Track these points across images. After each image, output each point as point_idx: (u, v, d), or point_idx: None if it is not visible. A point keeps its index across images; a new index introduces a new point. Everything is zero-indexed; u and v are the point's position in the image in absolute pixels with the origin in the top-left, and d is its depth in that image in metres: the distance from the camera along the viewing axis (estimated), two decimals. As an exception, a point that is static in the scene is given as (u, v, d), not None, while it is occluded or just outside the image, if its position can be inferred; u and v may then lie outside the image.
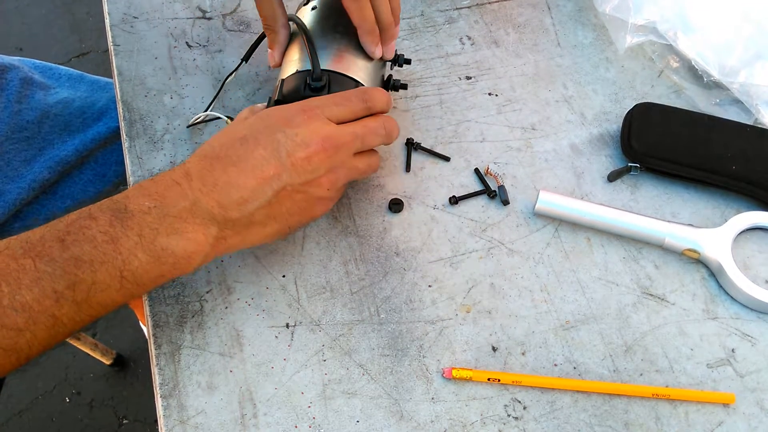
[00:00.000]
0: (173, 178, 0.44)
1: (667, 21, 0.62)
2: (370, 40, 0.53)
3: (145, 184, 0.44)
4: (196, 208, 0.43)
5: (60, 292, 0.40)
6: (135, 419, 1.30)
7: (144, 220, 0.42)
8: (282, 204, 0.46)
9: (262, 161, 0.44)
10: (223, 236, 0.45)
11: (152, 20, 0.66)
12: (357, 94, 0.49)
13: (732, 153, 0.56)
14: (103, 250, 0.41)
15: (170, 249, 0.42)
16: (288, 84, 0.51)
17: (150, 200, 0.43)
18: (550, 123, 0.61)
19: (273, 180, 0.45)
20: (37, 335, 0.40)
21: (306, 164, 0.45)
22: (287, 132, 0.45)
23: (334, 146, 0.46)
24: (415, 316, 0.50)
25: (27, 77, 0.78)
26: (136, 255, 0.41)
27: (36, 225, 0.74)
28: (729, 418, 0.47)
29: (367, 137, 0.49)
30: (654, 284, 0.52)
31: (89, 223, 0.41)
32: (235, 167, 0.44)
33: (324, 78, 0.50)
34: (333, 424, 0.46)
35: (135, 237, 0.41)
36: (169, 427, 0.45)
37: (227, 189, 0.44)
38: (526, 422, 0.46)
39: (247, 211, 0.45)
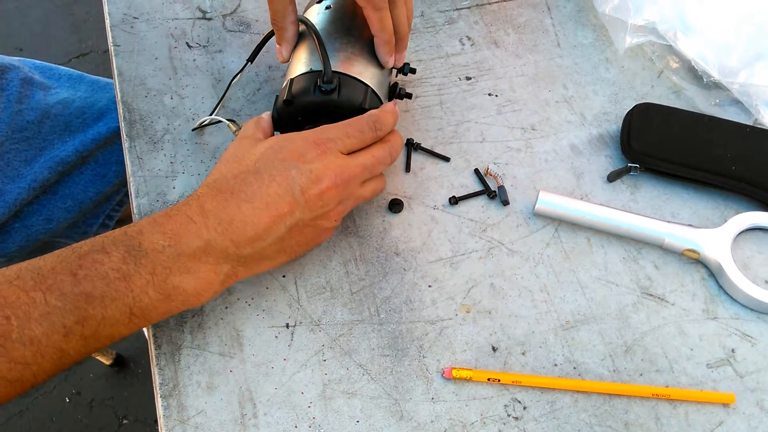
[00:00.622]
0: (188, 214, 0.44)
1: (666, 21, 0.62)
2: (387, 50, 0.53)
3: (160, 219, 0.43)
4: (210, 248, 0.43)
5: (69, 327, 0.40)
6: (135, 419, 1.30)
7: (157, 258, 0.42)
8: (293, 238, 0.47)
9: (277, 198, 0.44)
10: (234, 273, 0.45)
11: (152, 20, 0.66)
12: (369, 124, 0.49)
13: (732, 153, 0.56)
14: (115, 287, 0.41)
15: (181, 287, 0.43)
16: (297, 84, 0.51)
17: (164, 238, 0.42)
18: (550, 123, 0.61)
19: (287, 217, 0.45)
20: (43, 367, 0.40)
21: (318, 200, 0.45)
22: (301, 168, 0.45)
23: (345, 180, 0.46)
24: (415, 316, 0.50)
25: (27, 77, 0.78)
26: (147, 292, 0.42)
27: (36, 225, 0.75)
28: (729, 418, 0.47)
29: (376, 167, 0.49)
30: (654, 284, 0.52)
31: (102, 258, 0.41)
32: (249, 204, 0.44)
33: (335, 80, 0.50)
34: (333, 424, 0.46)
35: (147, 275, 0.41)
36: (169, 427, 0.45)
37: (242, 227, 0.43)
38: (526, 422, 0.46)
39: (260, 248, 0.45)
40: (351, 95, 0.50)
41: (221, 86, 0.61)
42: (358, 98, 0.50)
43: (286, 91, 0.51)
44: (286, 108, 0.51)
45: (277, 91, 0.62)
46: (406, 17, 0.53)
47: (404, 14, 0.53)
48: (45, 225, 0.76)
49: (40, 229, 0.75)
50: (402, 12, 0.53)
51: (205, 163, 0.57)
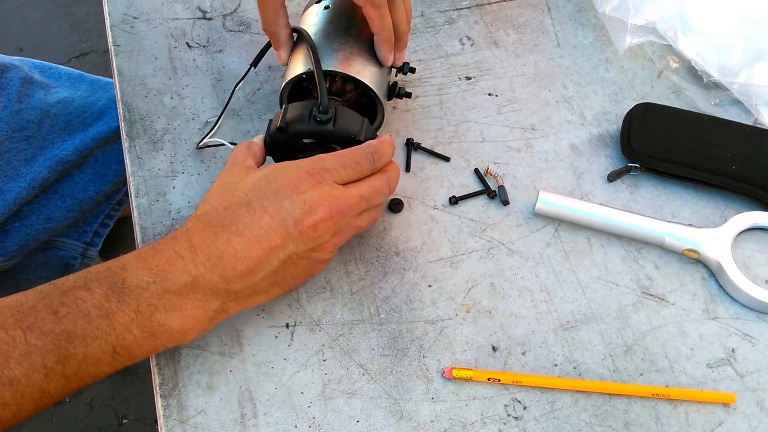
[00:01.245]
0: (176, 249, 0.42)
1: (666, 21, 0.62)
2: (387, 48, 0.52)
3: (146, 254, 0.42)
4: (198, 284, 0.42)
5: (50, 366, 0.39)
6: (135, 419, 1.30)
7: (142, 295, 0.40)
8: (286, 270, 0.45)
9: (269, 230, 0.43)
10: (224, 308, 0.44)
11: (152, 20, 0.66)
12: (367, 155, 0.47)
13: (732, 153, 0.56)
14: (97, 325, 0.39)
15: (167, 325, 0.41)
16: (292, 111, 0.49)
17: (149, 274, 0.41)
18: (550, 123, 0.61)
19: (279, 250, 0.43)
20: (23, 407, 0.39)
21: (312, 231, 0.44)
22: (295, 199, 0.43)
23: (340, 212, 0.45)
24: (415, 316, 0.50)
25: (27, 76, 0.78)
26: (131, 330, 0.40)
27: (36, 224, 0.75)
28: (729, 418, 0.47)
29: (372, 198, 0.48)
30: (654, 284, 0.52)
31: (84, 295, 0.40)
32: (240, 237, 0.42)
33: (330, 111, 0.48)
34: (333, 424, 0.46)
35: (131, 313, 0.40)
36: (169, 427, 0.45)
37: (232, 262, 0.42)
38: (526, 422, 0.46)
39: (251, 282, 0.43)
40: (346, 126, 0.49)
41: (221, 86, 0.61)
42: (354, 129, 0.49)
43: (280, 118, 0.49)
44: (279, 135, 0.49)
45: (276, 91, 0.62)
46: (405, 16, 0.53)
47: (403, 13, 0.53)
48: (45, 224, 0.76)
49: (40, 229, 0.75)
50: (401, 11, 0.52)
51: (205, 163, 0.57)
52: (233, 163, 0.48)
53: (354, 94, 0.54)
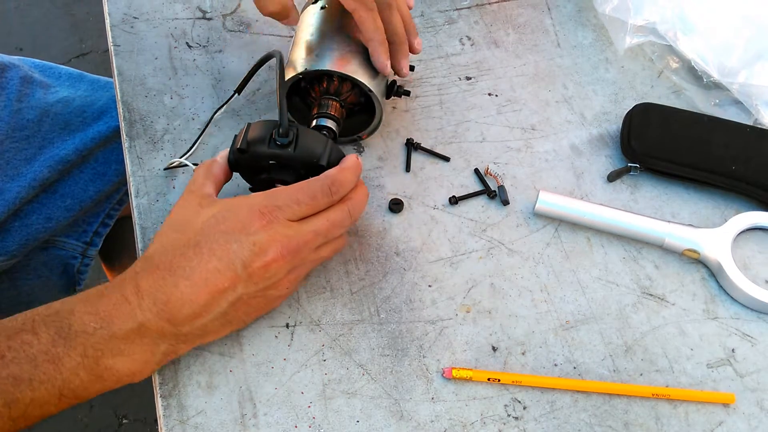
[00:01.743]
0: (123, 294, 0.42)
1: (666, 22, 0.62)
2: (382, 52, 0.52)
3: (92, 299, 0.42)
4: (144, 330, 0.41)
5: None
6: (135, 419, 1.30)
7: (88, 340, 0.40)
8: (238, 310, 0.45)
9: (216, 273, 0.42)
10: (173, 350, 0.44)
11: (152, 20, 0.66)
12: (323, 189, 0.45)
13: (732, 153, 0.56)
14: (44, 369, 0.39)
15: (114, 368, 0.41)
16: (253, 132, 0.48)
17: (96, 320, 0.41)
18: (550, 123, 0.61)
19: (227, 292, 0.42)
20: None
21: (264, 272, 0.43)
22: (243, 241, 0.42)
23: (293, 250, 0.44)
24: (415, 316, 0.50)
25: (27, 76, 0.78)
26: (77, 374, 0.40)
27: (36, 224, 0.75)
28: (729, 418, 0.47)
29: (331, 231, 0.46)
30: (654, 284, 0.52)
31: (31, 340, 0.40)
32: (187, 281, 0.42)
33: (291, 134, 0.47)
34: (333, 424, 0.46)
35: (78, 357, 0.40)
36: (169, 427, 0.45)
37: (179, 306, 0.41)
38: (526, 422, 0.46)
39: (200, 324, 0.43)
40: (308, 149, 0.47)
41: (221, 86, 0.61)
42: (316, 152, 0.47)
43: (241, 139, 0.48)
44: (240, 156, 0.48)
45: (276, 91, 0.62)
46: (400, 22, 0.52)
47: (398, 19, 0.52)
48: (45, 224, 0.75)
49: (40, 228, 0.75)
50: (396, 18, 0.52)
51: (205, 163, 0.57)
52: (190, 191, 0.47)
53: (351, 94, 0.54)
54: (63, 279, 0.82)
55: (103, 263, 1.04)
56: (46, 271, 0.81)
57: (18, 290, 0.79)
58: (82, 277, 0.83)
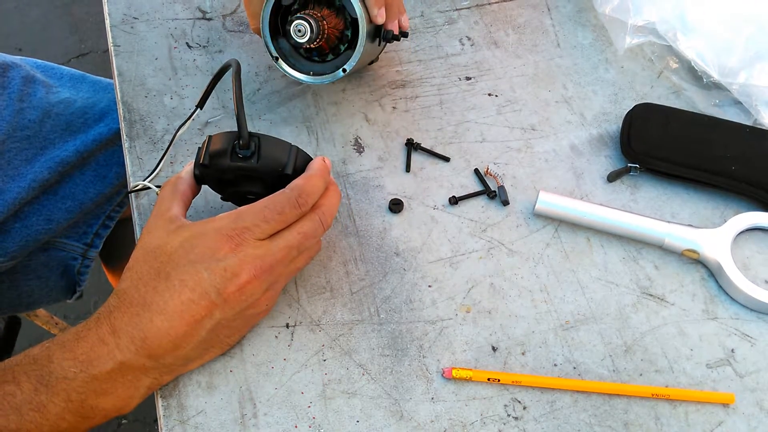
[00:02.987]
0: (99, 335, 0.41)
1: (666, 22, 0.62)
2: (374, 1, 0.52)
3: (70, 343, 0.42)
4: (125, 368, 0.41)
5: None
6: (135, 419, 1.30)
7: (70, 385, 0.40)
8: (219, 334, 0.44)
9: (191, 304, 0.41)
10: (157, 382, 0.44)
11: (152, 21, 0.66)
12: (290, 202, 0.44)
13: (731, 153, 0.56)
14: (30, 418, 0.40)
15: (100, 407, 0.42)
16: (215, 145, 0.46)
17: (75, 365, 0.41)
18: (549, 123, 0.61)
19: (205, 320, 0.42)
20: None
21: (239, 295, 0.42)
22: (213, 268, 0.42)
23: (266, 269, 0.43)
24: (415, 316, 0.50)
25: (29, 75, 0.78)
26: (64, 418, 0.41)
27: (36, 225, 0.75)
28: (729, 418, 0.47)
29: (303, 243, 0.45)
30: (654, 284, 0.52)
31: (14, 390, 0.40)
32: (162, 315, 0.41)
33: (252, 144, 0.45)
34: (333, 424, 0.46)
35: (62, 403, 0.40)
36: (169, 427, 0.45)
37: (157, 340, 0.41)
38: (526, 422, 0.46)
39: (182, 355, 0.43)
40: (272, 158, 0.46)
41: (221, 86, 0.61)
42: (281, 161, 0.46)
43: (203, 153, 0.46)
44: (204, 170, 0.47)
45: (276, 92, 0.62)
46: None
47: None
48: (45, 225, 0.76)
49: (40, 229, 0.75)
50: None
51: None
52: (156, 214, 0.46)
53: (334, 17, 0.53)
54: (63, 280, 0.82)
55: (104, 265, 1.04)
56: (46, 272, 0.81)
57: (18, 291, 0.79)
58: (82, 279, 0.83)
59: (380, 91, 0.62)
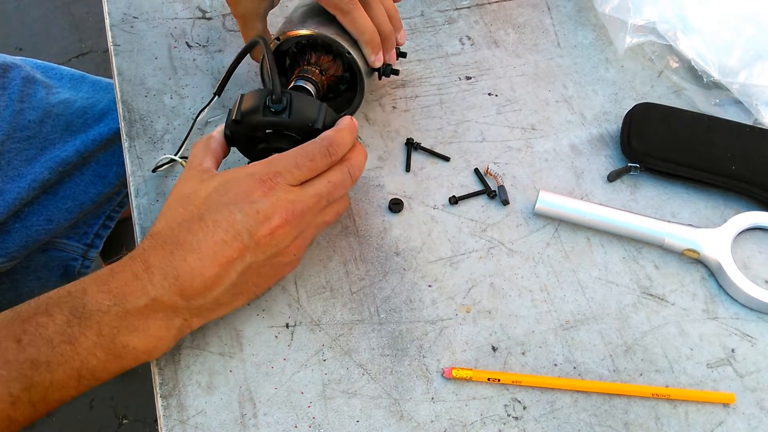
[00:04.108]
0: (133, 271, 0.42)
1: (666, 21, 0.62)
2: (371, 50, 0.52)
3: (104, 277, 0.42)
4: (158, 304, 0.42)
5: (16, 395, 0.38)
6: (135, 419, 1.30)
7: (103, 319, 0.40)
8: (248, 280, 0.45)
9: (224, 245, 0.42)
10: (187, 324, 0.44)
11: (152, 20, 0.66)
12: (321, 149, 0.45)
13: (732, 153, 0.56)
14: (61, 351, 0.39)
15: (131, 346, 0.41)
16: (247, 102, 0.48)
17: (109, 298, 0.41)
18: (550, 123, 0.61)
19: (236, 262, 0.43)
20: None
21: (270, 239, 0.43)
22: (246, 209, 0.42)
23: (298, 215, 0.44)
24: (415, 316, 0.50)
25: (29, 76, 0.78)
26: (95, 354, 0.40)
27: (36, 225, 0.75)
28: (729, 418, 0.47)
29: (333, 193, 0.46)
30: (654, 284, 0.52)
31: (46, 322, 0.40)
32: (196, 254, 0.42)
33: (284, 99, 0.47)
34: (333, 424, 0.46)
35: (94, 337, 0.40)
36: (169, 427, 0.45)
37: (190, 279, 0.42)
38: (526, 422, 0.46)
39: (212, 297, 0.43)
40: (302, 114, 0.47)
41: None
42: (311, 117, 0.48)
43: (236, 110, 0.48)
44: (236, 127, 0.48)
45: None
46: (385, 17, 0.52)
47: (382, 13, 0.52)
48: (45, 225, 0.76)
49: (40, 230, 0.75)
50: (379, 11, 0.52)
51: (205, 163, 0.57)
52: (189, 167, 0.47)
53: (333, 65, 0.54)
54: (63, 281, 0.82)
55: (104, 265, 1.04)
56: (46, 272, 0.81)
57: (18, 292, 0.79)
58: None
59: (380, 91, 0.62)
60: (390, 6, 0.54)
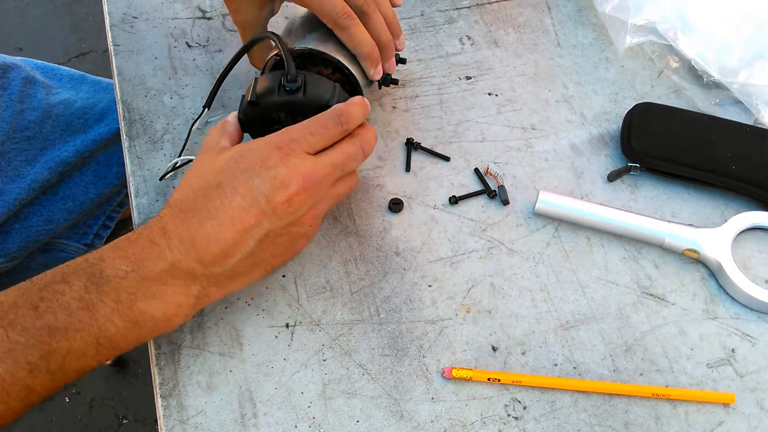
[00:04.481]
0: (150, 237, 0.42)
1: (666, 21, 0.62)
2: (369, 64, 0.52)
3: (122, 244, 0.42)
4: (175, 270, 0.41)
5: (34, 363, 0.38)
6: (135, 419, 1.30)
7: (121, 284, 0.40)
8: (265, 250, 0.45)
9: (241, 211, 0.42)
10: (205, 293, 0.44)
11: (152, 20, 0.66)
12: (333, 118, 0.46)
13: (732, 153, 0.56)
14: (79, 317, 0.39)
15: (149, 313, 0.41)
16: (261, 84, 0.49)
17: (126, 263, 0.41)
18: (550, 123, 0.61)
19: (254, 229, 0.43)
20: (10, 406, 0.38)
21: (287, 207, 0.43)
22: (264, 176, 0.42)
23: (314, 183, 0.44)
24: (415, 316, 0.50)
25: (29, 77, 0.78)
26: (113, 321, 0.40)
27: (36, 225, 0.75)
28: (729, 418, 0.47)
29: (347, 164, 0.47)
30: (654, 284, 0.52)
31: (63, 288, 0.39)
32: (213, 220, 0.42)
33: (299, 79, 0.48)
34: (333, 424, 0.46)
35: (112, 303, 0.40)
36: (169, 427, 0.45)
37: (207, 245, 0.41)
38: (526, 422, 0.46)
39: (230, 265, 0.43)
40: (317, 93, 0.48)
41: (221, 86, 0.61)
42: (326, 96, 0.48)
43: (250, 92, 0.49)
44: (252, 109, 0.49)
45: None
46: (384, 27, 0.52)
47: (381, 24, 0.52)
48: (45, 225, 0.76)
49: (40, 230, 0.75)
50: (378, 22, 0.52)
51: (205, 163, 0.57)
52: (206, 148, 0.47)
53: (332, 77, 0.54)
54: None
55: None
56: (46, 272, 0.81)
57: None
58: None
59: (380, 91, 0.62)
60: (388, 13, 0.54)
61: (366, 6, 0.50)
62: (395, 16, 0.55)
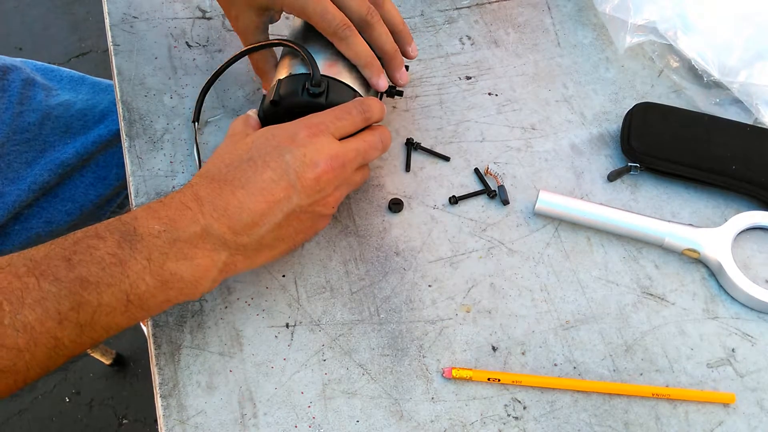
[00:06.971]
0: (183, 201, 0.43)
1: (667, 21, 0.62)
2: (372, 73, 0.52)
3: (155, 206, 0.43)
4: (207, 234, 0.42)
5: (64, 313, 0.38)
6: (135, 419, 1.30)
7: (153, 243, 0.41)
8: (290, 225, 0.46)
9: (272, 183, 0.44)
10: (232, 261, 0.44)
11: (152, 20, 0.66)
12: (356, 106, 0.49)
13: (732, 153, 0.56)
14: (111, 272, 0.39)
15: (179, 274, 0.42)
16: (285, 86, 0.50)
17: (160, 223, 0.41)
18: (550, 123, 0.61)
19: (283, 202, 0.44)
20: (36, 357, 0.38)
21: (315, 184, 0.45)
22: (295, 152, 0.44)
23: (341, 164, 0.46)
24: (415, 316, 0.50)
25: (29, 78, 0.78)
26: (143, 279, 0.40)
27: (36, 227, 0.75)
28: (729, 418, 0.47)
29: (368, 152, 0.49)
30: (654, 284, 0.52)
31: (97, 243, 0.40)
32: (244, 190, 0.43)
33: (323, 84, 0.49)
34: (333, 423, 0.46)
35: (143, 261, 0.40)
36: (169, 426, 0.45)
37: (238, 213, 0.43)
38: (526, 422, 0.46)
39: (258, 235, 0.44)
40: (339, 99, 0.50)
41: (221, 86, 0.61)
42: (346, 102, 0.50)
43: (273, 92, 0.50)
44: (273, 108, 0.50)
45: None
46: (387, 36, 0.52)
47: (386, 33, 0.52)
48: (45, 227, 0.76)
49: (40, 232, 0.75)
50: (383, 32, 0.51)
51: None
52: (232, 134, 0.49)
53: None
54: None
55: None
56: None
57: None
58: None
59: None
60: (395, 20, 0.53)
61: (369, 16, 0.51)
62: (404, 23, 0.54)
